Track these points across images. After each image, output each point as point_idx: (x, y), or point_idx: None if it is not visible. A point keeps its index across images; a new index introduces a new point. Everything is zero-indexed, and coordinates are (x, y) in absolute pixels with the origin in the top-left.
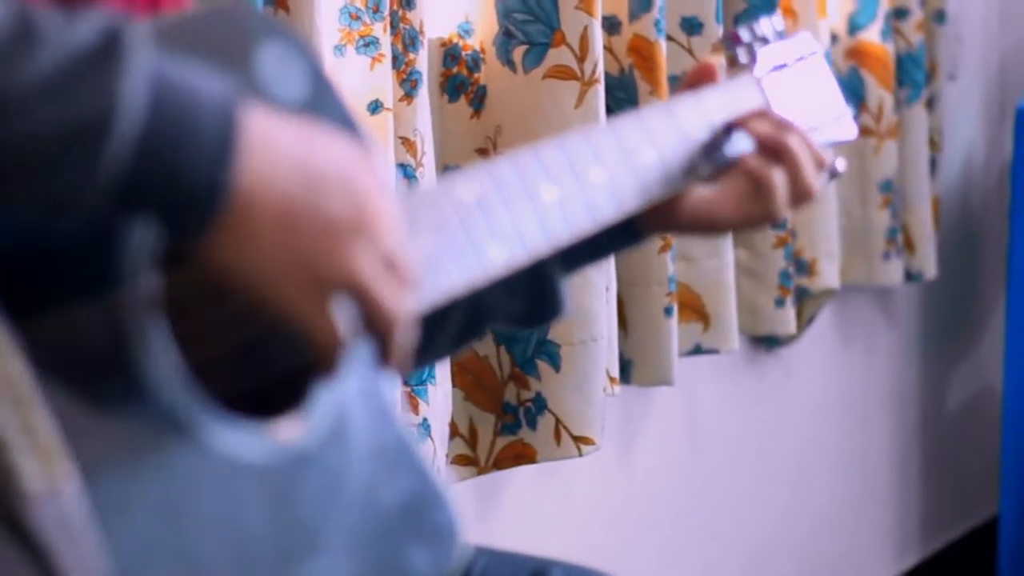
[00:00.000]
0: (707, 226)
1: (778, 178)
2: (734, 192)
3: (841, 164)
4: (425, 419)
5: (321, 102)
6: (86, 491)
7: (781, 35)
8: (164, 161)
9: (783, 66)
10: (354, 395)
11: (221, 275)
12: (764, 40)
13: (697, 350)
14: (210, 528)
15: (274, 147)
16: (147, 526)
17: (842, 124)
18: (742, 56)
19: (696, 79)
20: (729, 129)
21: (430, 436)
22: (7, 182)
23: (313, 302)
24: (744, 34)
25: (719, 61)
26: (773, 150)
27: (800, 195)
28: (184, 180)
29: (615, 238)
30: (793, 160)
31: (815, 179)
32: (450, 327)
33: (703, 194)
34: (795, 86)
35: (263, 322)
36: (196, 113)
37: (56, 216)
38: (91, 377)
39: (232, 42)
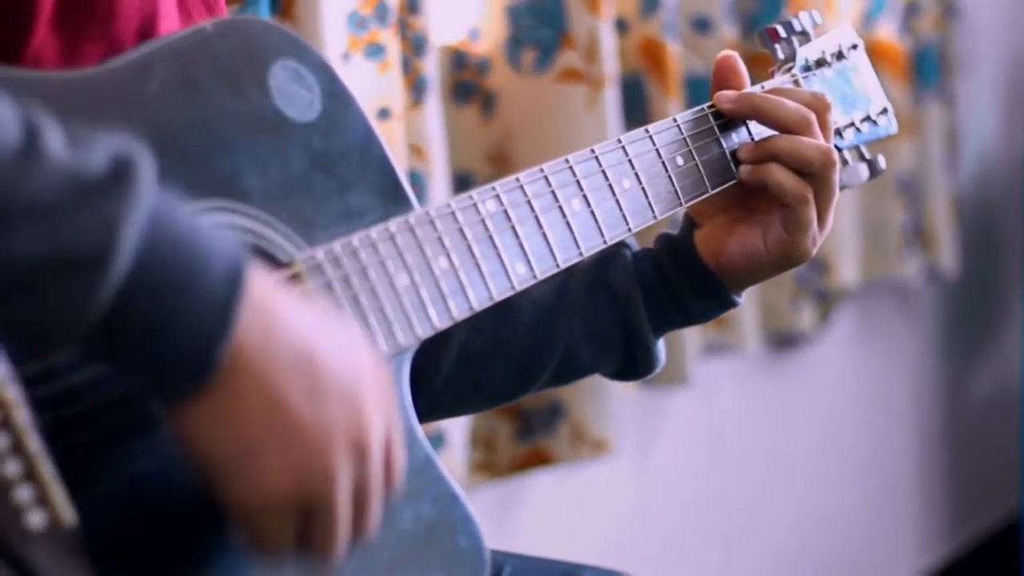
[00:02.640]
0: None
1: (774, 171)
2: (766, 214)
3: (881, 161)
4: (441, 429)
5: (336, 119)
6: (87, 525)
7: (820, 28)
8: (159, 312)
9: (822, 62)
10: None
11: (184, 444)
12: (803, 35)
13: (714, 349)
14: (218, 559)
15: (280, 325)
16: (151, 560)
17: (882, 120)
18: (780, 53)
19: (720, 77)
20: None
21: (448, 444)
22: None
23: (275, 496)
24: (781, 30)
25: (734, 53)
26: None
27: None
28: (175, 342)
29: (706, 304)
30: (776, 146)
31: (810, 144)
32: (543, 377)
33: (744, 235)
34: (836, 82)
35: None
36: (201, 268)
37: (35, 345)
38: (98, 411)
39: (246, 58)
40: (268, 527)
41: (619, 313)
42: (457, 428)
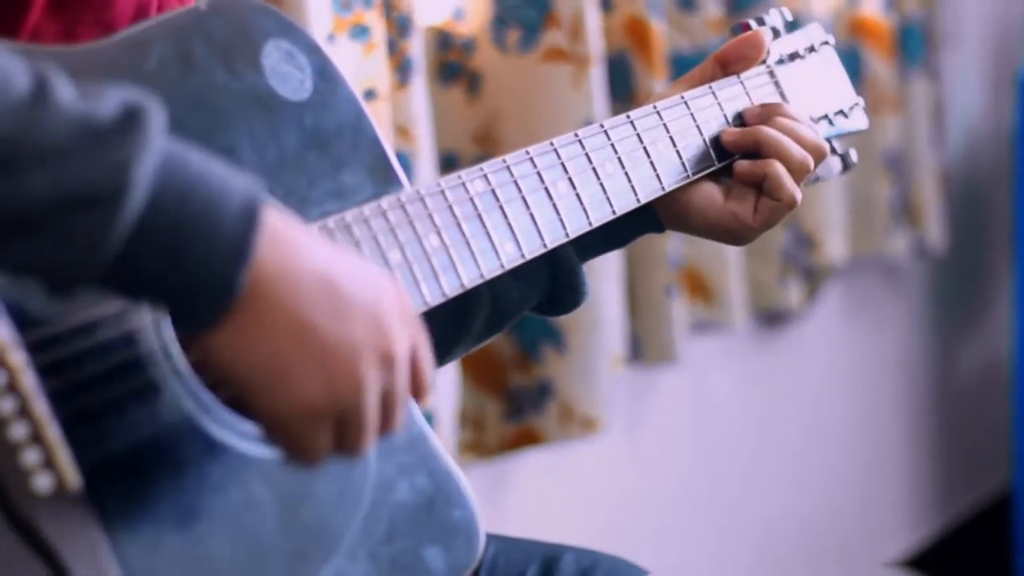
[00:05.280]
0: (729, 232)
1: (778, 168)
2: (747, 198)
3: (853, 155)
4: (431, 408)
5: (327, 98)
6: (93, 489)
7: (792, 25)
8: (178, 248)
9: (795, 56)
10: None
11: (218, 364)
12: (774, 31)
13: (702, 327)
14: (220, 527)
15: (298, 254)
16: (156, 525)
17: (853, 114)
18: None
19: (738, 50)
20: (739, 123)
21: (437, 424)
22: (13, 239)
23: (311, 408)
24: (755, 25)
25: (765, 32)
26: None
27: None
28: (197, 272)
29: (633, 227)
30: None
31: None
32: (475, 323)
33: (719, 200)
34: (806, 77)
35: None
36: (217, 205)
37: (56, 283)
38: (101, 378)
39: (239, 39)
40: (304, 437)
41: None
42: (446, 407)
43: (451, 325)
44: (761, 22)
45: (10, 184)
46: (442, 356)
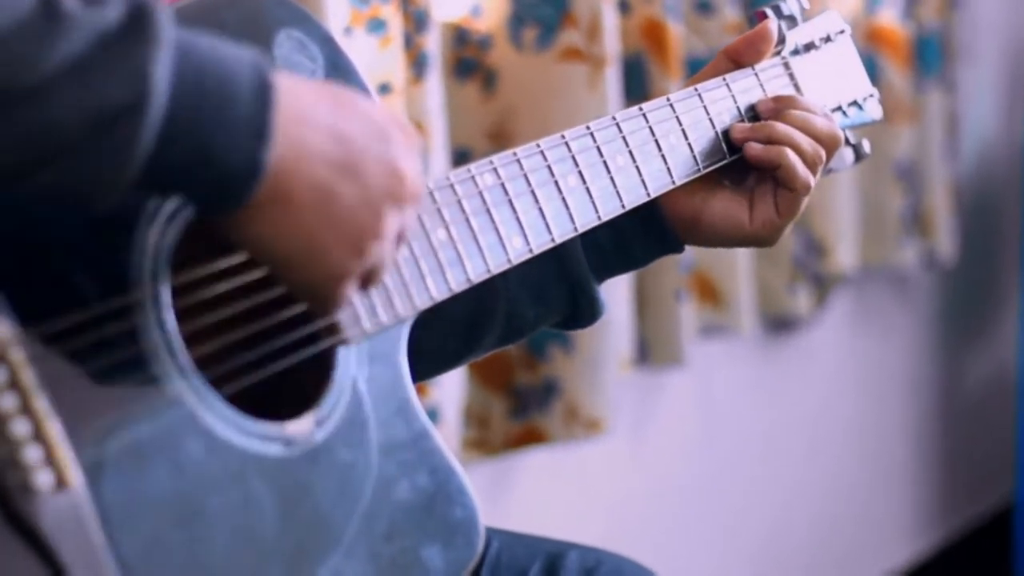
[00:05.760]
0: (740, 235)
1: (791, 156)
2: (766, 196)
3: (866, 146)
4: (435, 404)
5: None
6: (93, 486)
7: (805, 14)
8: (200, 137)
9: (811, 46)
10: (369, 391)
11: (251, 248)
12: (791, 19)
13: (710, 331)
14: (220, 524)
15: (309, 118)
16: (155, 521)
17: (868, 105)
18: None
19: (751, 43)
20: (752, 115)
21: (442, 420)
22: (45, 164)
23: (344, 273)
24: (770, 13)
25: (772, 26)
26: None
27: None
28: (221, 157)
29: (653, 249)
30: (787, 137)
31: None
32: (486, 339)
33: (738, 203)
34: (822, 67)
35: (264, 317)
36: (230, 87)
37: (92, 197)
38: (102, 372)
39: (252, 27)
40: (339, 295)
41: (558, 262)
42: (451, 404)
43: (462, 338)
44: (778, 11)
45: (36, 106)
46: (451, 365)
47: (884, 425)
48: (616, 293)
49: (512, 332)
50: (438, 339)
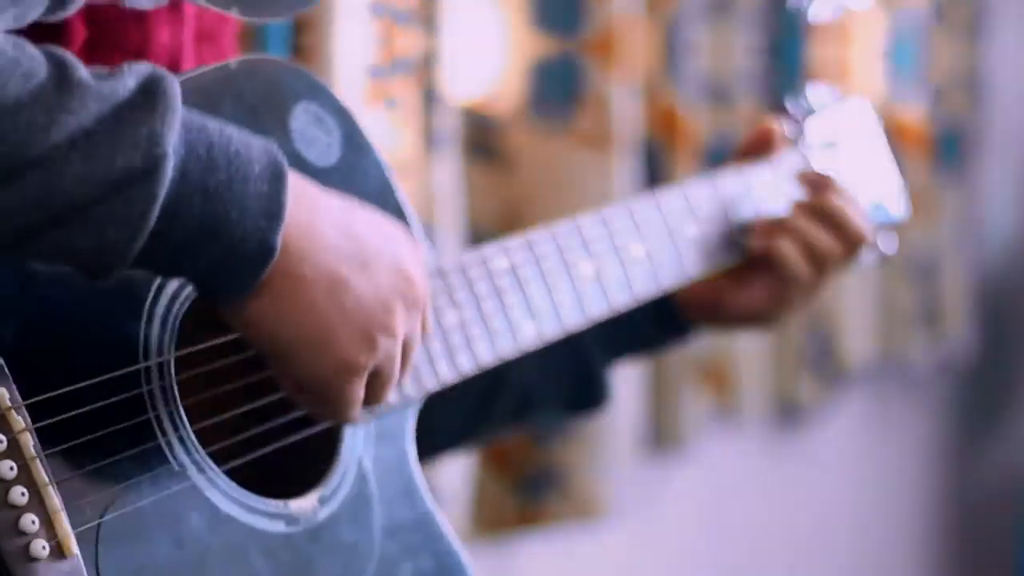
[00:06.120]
0: (747, 317)
1: (786, 247)
2: (757, 280)
3: (890, 245)
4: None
5: (355, 165)
6: (92, 557)
7: (834, 103)
8: (212, 210)
9: (835, 139)
10: (374, 471)
11: (255, 336)
12: (813, 111)
13: (716, 419)
14: None
15: (321, 209)
16: None
17: (894, 202)
18: (790, 130)
19: (754, 145)
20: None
21: (447, 503)
22: (54, 226)
23: (353, 365)
24: (792, 106)
25: (779, 126)
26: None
27: (821, 255)
28: (233, 233)
29: (661, 332)
30: (794, 226)
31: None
32: (500, 411)
33: (740, 288)
34: (847, 159)
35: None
36: (243, 166)
37: (99, 263)
38: (105, 442)
39: (269, 99)
40: (345, 392)
41: (571, 341)
42: (457, 484)
43: (473, 412)
44: (801, 102)
45: (46, 172)
46: (461, 441)
47: (889, 523)
48: (622, 379)
49: (523, 407)
50: (449, 413)
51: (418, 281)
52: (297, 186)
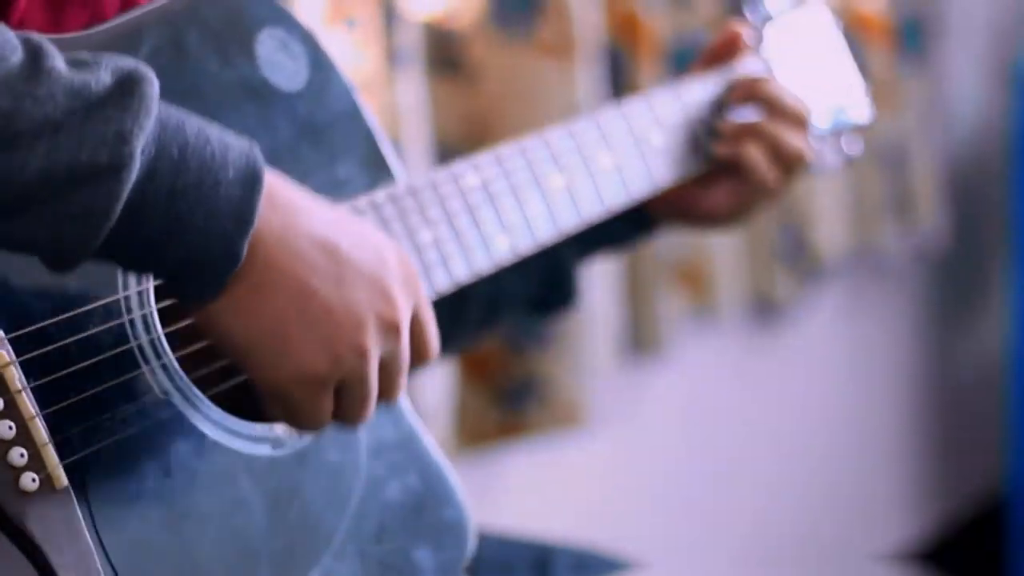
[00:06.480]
0: (715, 218)
1: (753, 153)
2: (724, 182)
3: (855, 147)
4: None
5: (322, 88)
6: (82, 487)
7: (792, 7)
8: (177, 213)
9: (795, 44)
10: None
11: (219, 340)
12: (772, 16)
13: (693, 318)
14: (208, 525)
15: (300, 225)
16: (144, 522)
17: (856, 104)
18: (749, 38)
19: (719, 51)
20: (721, 108)
21: (431, 420)
22: (11, 214)
23: (314, 376)
24: (751, 13)
25: (745, 30)
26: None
27: (789, 159)
28: (198, 240)
29: (629, 229)
30: (762, 131)
31: (796, 140)
32: (470, 316)
33: (707, 190)
34: (805, 62)
35: None
36: (215, 171)
37: (57, 257)
38: (89, 372)
39: (233, 26)
40: (307, 404)
41: None
42: (438, 398)
43: (447, 317)
44: (757, 5)
45: (7, 159)
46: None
47: (871, 413)
48: (597, 286)
49: (494, 307)
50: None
51: (399, 304)
52: (277, 193)
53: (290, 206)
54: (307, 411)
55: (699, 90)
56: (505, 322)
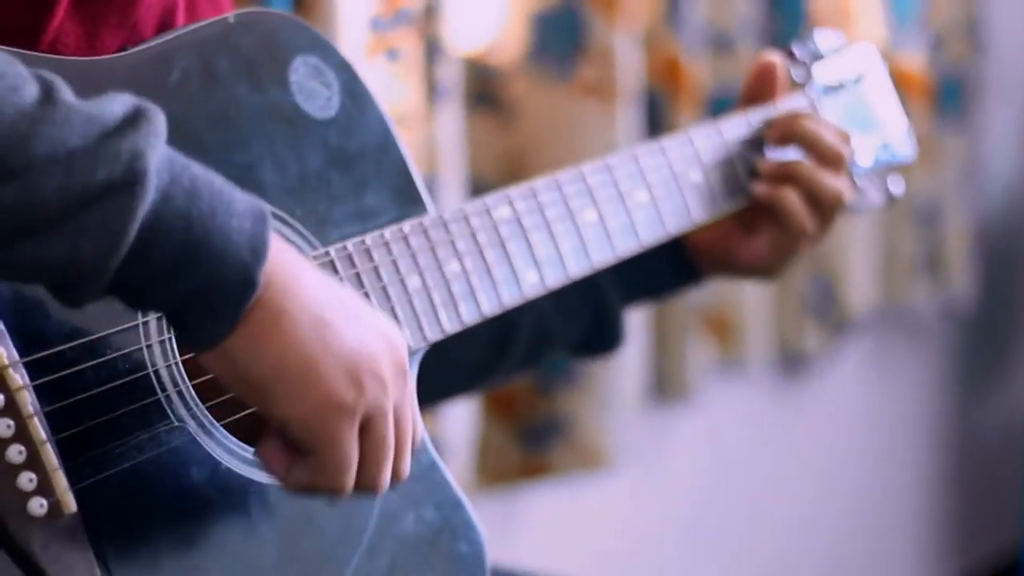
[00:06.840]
0: (756, 267)
1: (791, 198)
2: (765, 230)
3: (898, 187)
4: (444, 436)
5: (355, 117)
6: (89, 512)
7: (840, 47)
8: (193, 239)
9: (840, 84)
10: None
11: (235, 379)
12: (820, 55)
13: (721, 368)
14: (219, 554)
15: (305, 266)
16: (152, 551)
17: (901, 144)
18: (796, 75)
19: (756, 86)
20: (761, 145)
21: (451, 453)
22: (25, 236)
23: (342, 404)
24: (799, 50)
25: (778, 62)
26: (781, 168)
27: (826, 202)
28: (214, 263)
29: (673, 278)
30: (800, 174)
31: (834, 181)
32: (516, 351)
33: (747, 237)
34: (854, 104)
35: None
36: (227, 201)
37: (68, 283)
38: (103, 397)
39: (268, 52)
40: (337, 433)
41: (584, 280)
42: (461, 434)
43: (489, 348)
44: (806, 47)
45: (25, 181)
46: (478, 381)
47: (893, 469)
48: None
49: (539, 344)
50: (466, 348)
51: (401, 352)
52: (278, 241)
53: (291, 252)
54: (337, 443)
55: (740, 126)
56: (548, 361)
